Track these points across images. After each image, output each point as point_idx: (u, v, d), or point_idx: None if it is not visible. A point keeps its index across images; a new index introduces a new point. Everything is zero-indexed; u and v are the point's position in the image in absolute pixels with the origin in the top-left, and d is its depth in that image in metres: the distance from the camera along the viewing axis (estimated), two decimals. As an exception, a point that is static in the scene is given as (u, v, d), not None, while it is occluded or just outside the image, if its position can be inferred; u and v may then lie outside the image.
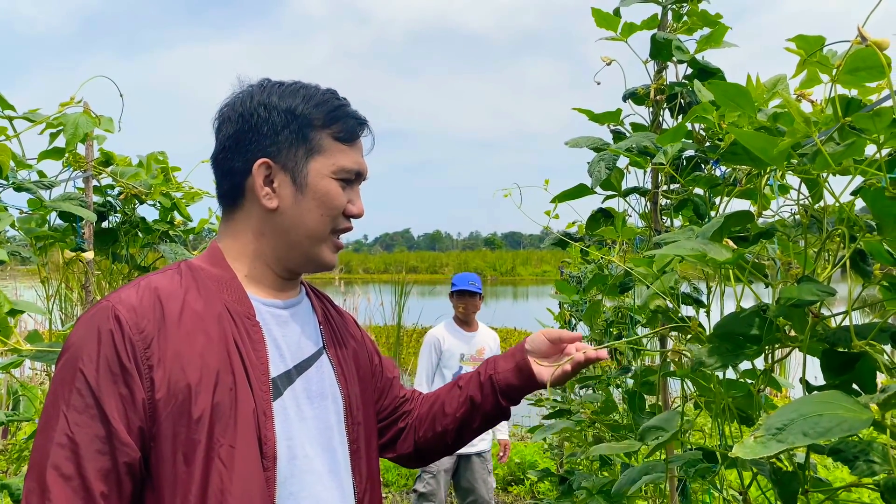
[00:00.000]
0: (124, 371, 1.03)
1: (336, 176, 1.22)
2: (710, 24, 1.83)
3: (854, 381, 1.07)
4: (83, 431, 1.01)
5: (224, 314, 1.15)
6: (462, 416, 1.46)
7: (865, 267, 1.14)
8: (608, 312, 2.97)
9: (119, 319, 1.06)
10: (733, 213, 1.27)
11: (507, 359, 1.46)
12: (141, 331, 1.06)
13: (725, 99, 1.19)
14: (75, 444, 1.00)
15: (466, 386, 1.48)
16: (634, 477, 1.57)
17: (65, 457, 1.00)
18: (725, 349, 1.18)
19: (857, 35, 0.96)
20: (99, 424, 1.02)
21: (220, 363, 1.10)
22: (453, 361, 4.44)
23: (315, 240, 1.23)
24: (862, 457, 1.01)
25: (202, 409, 1.06)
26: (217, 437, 1.07)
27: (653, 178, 1.91)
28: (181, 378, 1.06)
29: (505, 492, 6.06)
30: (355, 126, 1.26)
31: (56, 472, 0.99)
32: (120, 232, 2.44)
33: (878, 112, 0.95)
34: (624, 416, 2.32)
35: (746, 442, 0.80)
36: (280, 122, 1.20)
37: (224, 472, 1.06)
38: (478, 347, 4.48)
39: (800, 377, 1.19)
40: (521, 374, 1.43)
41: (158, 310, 1.09)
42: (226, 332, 1.13)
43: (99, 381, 1.02)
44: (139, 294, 1.11)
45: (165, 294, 1.12)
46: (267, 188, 1.20)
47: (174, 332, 1.08)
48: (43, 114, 1.97)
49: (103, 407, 1.02)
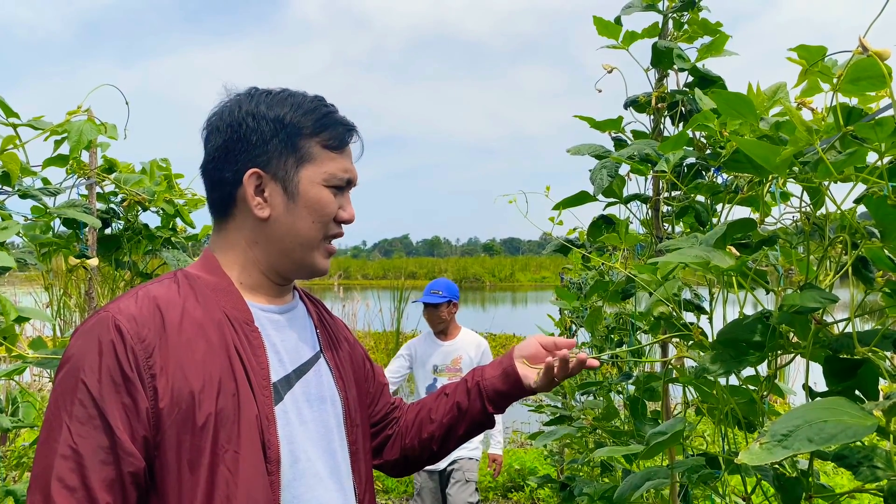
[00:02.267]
0: (127, 381, 1.03)
1: (327, 183, 1.23)
2: (710, 33, 1.85)
3: (856, 387, 1.08)
4: (87, 442, 1.01)
5: (223, 321, 1.16)
6: (448, 423, 1.47)
7: (867, 274, 1.15)
8: (609, 319, 2.97)
9: (120, 329, 1.06)
10: (736, 220, 1.28)
11: (494, 366, 1.47)
12: (142, 340, 1.06)
13: (728, 107, 1.20)
14: (79, 455, 1.00)
15: (453, 393, 1.49)
16: (637, 483, 1.57)
17: (69, 468, 0.99)
18: (729, 356, 1.18)
19: (859, 45, 0.97)
20: (102, 435, 1.01)
21: (222, 369, 1.11)
22: (426, 373, 4.20)
23: (308, 247, 1.24)
24: (865, 462, 1.02)
25: (206, 415, 1.07)
26: (221, 444, 1.07)
27: (654, 186, 1.92)
28: (184, 386, 1.07)
29: (505, 498, 6.06)
30: (344, 133, 1.26)
31: (60, 484, 0.99)
32: (123, 238, 2.45)
33: (879, 121, 0.96)
34: (625, 422, 2.32)
35: (752, 448, 0.81)
36: (269, 132, 1.20)
37: (230, 478, 1.07)
38: (453, 357, 4.20)
39: (802, 384, 1.20)
40: (507, 378, 1.43)
41: (158, 318, 1.09)
42: (226, 339, 1.14)
43: (102, 392, 1.02)
44: (138, 304, 1.11)
45: (164, 303, 1.12)
46: (258, 198, 1.21)
47: (175, 340, 1.09)
48: (46, 121, 1.98)
49: (107, 417, 1.02)
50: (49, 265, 2.26)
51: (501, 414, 1.51)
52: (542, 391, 1.44)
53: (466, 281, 52.94)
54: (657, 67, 1.90)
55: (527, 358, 1.44)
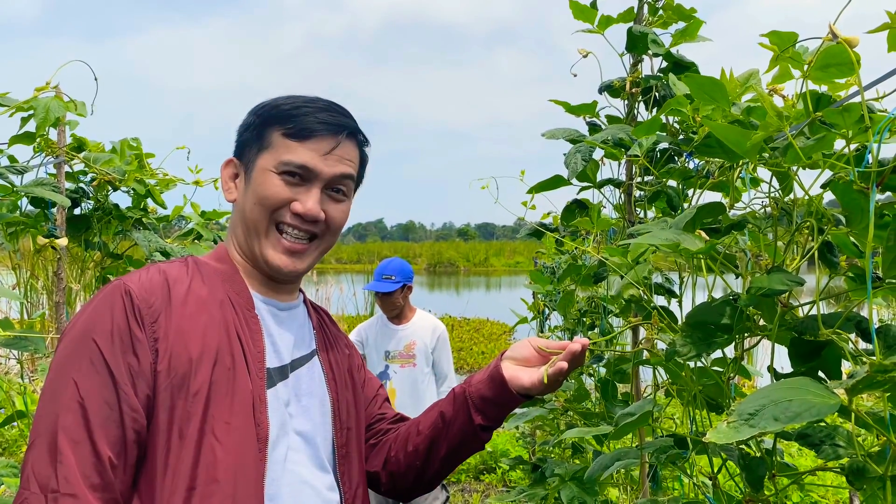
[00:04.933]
0: (134, 339, 1.08)
1: (277, 170, 1.22)
2: (684, 19, 1.86)
3: (820, 368, 1.11)
4: (93, 397, 1.04)
5: (226, 302, 1.20)
6: (432, 435, 1.35)
7: (832, 258, 1.17)
8: (581, 302, 3.00)
9: (130, 293, 1.11)
10: (706, 204, 1.29)
11: (482, 371, 1.34)
12: (150, 305, 1.11)
13: (701, 92, 1.21)
14: (85, 409, 1.03)
15: (441, 402, 1.39)
16: (607, 463, 1.60)
17: (75, 421, 1.02)
18: (698, 338, 1.20)
19: (829, 32, 0.99)
20: (110, 391, 1.05)
21: (221, 343, 1.14)
22: (378, 360, 3.88)
23: (255, 232, 1.24)
24: (828, 441, 1.04)
25: (200, 383, 1.10)
26: (212, 413, 1.10)
27: (627, 170, 1.93)
28: (183, 352, 1.10)
29: (477, 480, 6.11)
30: (313, 125, 1.23)
31: (66, 436, 1.01)
32: (93, 219, 2.41)
33: (847, 108, 0.98)
34: (596, 404, 2.35)
35: (719, 427, 0.83)
36: (246, 123, 1.29)
37: (217, 447, 1.09)
38: (406, 343, 3.85)
39: (768, 365, 1.23)
40: (493, 382, 1.29)
41: (166, 290, 1.15)
42: (227, 318, 1.18)
43: (112, 349, 1.06)
44: (149, 275, 1.17)
45: (173, 278, 1.18)
46: (231, 183, 1.30)
47: (179, 310, 1.13)
48: (12, 97, 1.94)
49: (114, 374, 1.05)
50: (17, 245, 2.22)
51: (496, 427, 1.34)
52: (541, 394, 1.31)
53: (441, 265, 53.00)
54: (632, 52, 1.91)
55: (519, 361, 1.30)
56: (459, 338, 14.10)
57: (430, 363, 3.84)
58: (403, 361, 3.84)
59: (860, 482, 0.97)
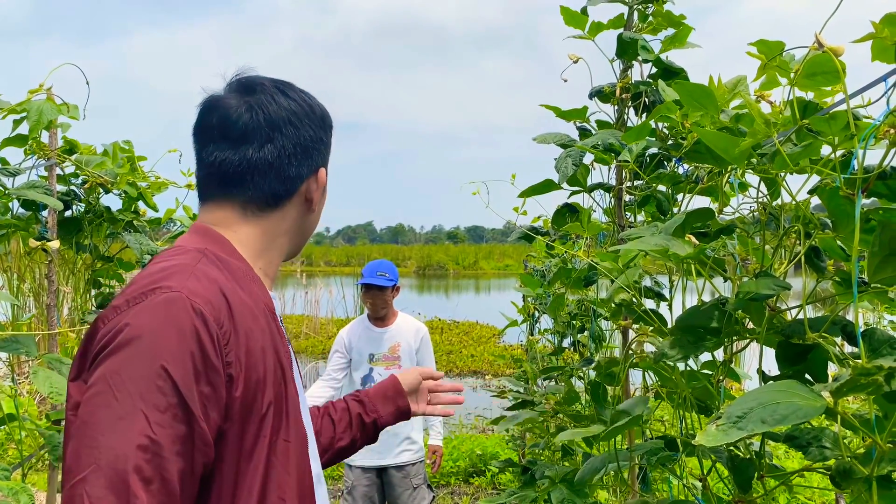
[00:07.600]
0: (209, 369, 0.98)
1: None
2: (674, 25, 1.88)
3: (807, 371, 1.13)
4: (166, 432, 0.93)
5: (261, 307, 1.13)
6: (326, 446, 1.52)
7: (819, 263, 1.19)
8: (571, 306, 3.02)
9: (202, 314, 0.99)
10: (695, 210, 1.31)
11: (385, 401, 1.61)
12: (221, 326, 1.01)
13: (690, 99, 1.23)
14: (158, 445, 0.92)
15: (344, 423, 1.57)
16: (597, 465, 1.61)
17: (146, 459, 0.91)
18: (687, 341, 1.22)
19: (815, 41, 1.01)
20: (182, 425, 0.95)
21: (273, 357, 1.09)
22: (362, 363, 3.89)
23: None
24: (815, 443, 1.06)
25: (266, 404, 1.05)
26: (275, 432, 1.06)
27: (617, 175, 1.95)
28: (252, 374, 1.03)
29: (467, 483, 6.11)
30: None
31: (138, 477, 0.91)
32: (84, 221, 2.41)
33: (833, 115, 1.00)
34: (586, 406, 2.37)
35: (708, 430, 0.84)
36: (329, 132, 1.30)
37: (280, 468, 1.06)
38: (391, 345, 3.89)
39: (756, 368, 1.24)
40: (399, 416, 1.61)
41: (226, 304, 1.04)
42: (270, 326, 1.12)
43: (185, 378, 0.96)
44: (204, 285, 1.04)
45: (224, 287, 1.07)
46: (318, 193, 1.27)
47: (241, 326, 1.05)
48: (4, 100, 1.94)
49: (189, 406, 0.95)
50: (7, 248, 2.21)
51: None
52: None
53: (430, 268, 52.94)
54: (622, 58, 1.93)
55: (409, 389, 1.64)
56: (449, 341, 14.11)
57: (414, 364, 3.85)
58: (388, 364, 3.86)
59: (846, 483, 0.99)
